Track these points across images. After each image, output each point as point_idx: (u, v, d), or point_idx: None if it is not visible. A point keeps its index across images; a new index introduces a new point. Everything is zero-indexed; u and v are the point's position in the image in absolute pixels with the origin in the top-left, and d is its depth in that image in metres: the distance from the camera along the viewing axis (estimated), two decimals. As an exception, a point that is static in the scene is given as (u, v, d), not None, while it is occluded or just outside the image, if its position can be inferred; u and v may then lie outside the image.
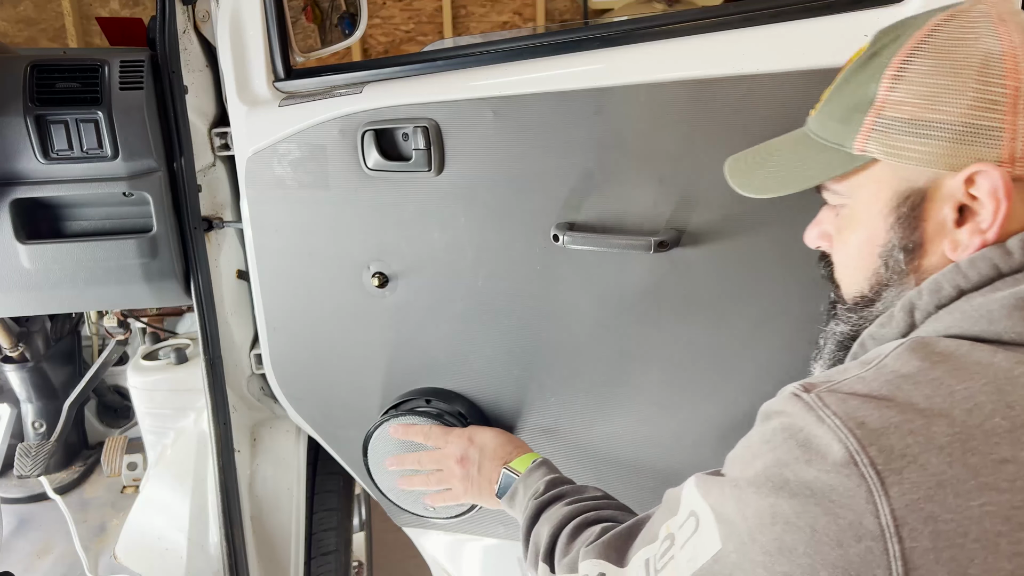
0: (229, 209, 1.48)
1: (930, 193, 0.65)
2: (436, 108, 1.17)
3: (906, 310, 0.66)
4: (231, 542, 1.52)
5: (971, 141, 0.62)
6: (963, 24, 0.65)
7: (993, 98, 0.61)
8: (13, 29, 5.51)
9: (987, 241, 0.63)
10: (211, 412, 1.48)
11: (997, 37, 0.63)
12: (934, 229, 0.66)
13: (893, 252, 0.68)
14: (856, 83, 0.70)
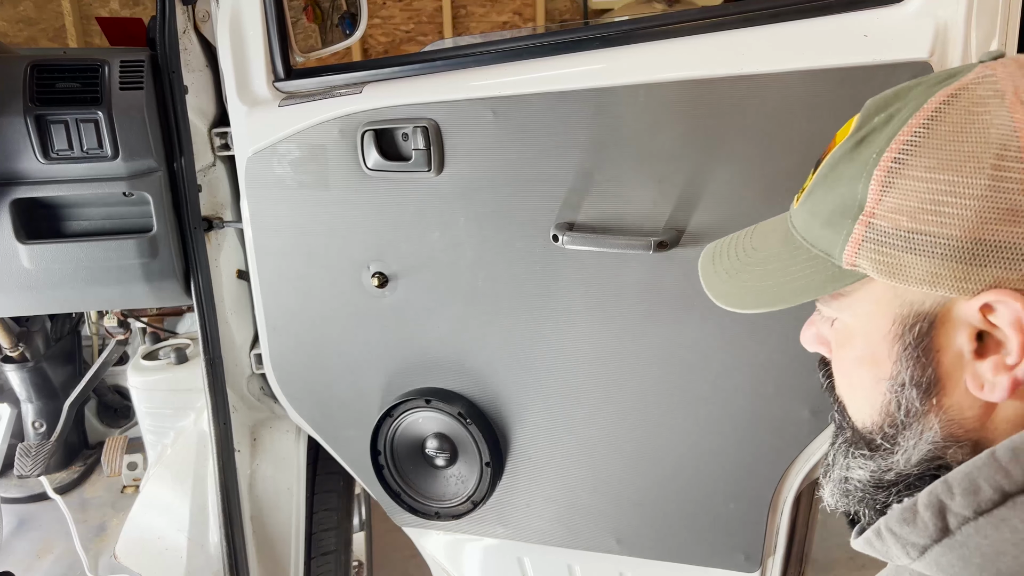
0: (229, 209, 1.48)
1: (940, 318, 0.53)
2: (436, 108, 1.17)
3: (934, 511, 0.52)
4: (231, 542, 1.52)
5: (984, 260, 0.50)
6: (970, 106, 0.52)
7: (1009, 206, 0.49)
8: (13, 29, 5.51)
9: (1019, 379, 0.50)
10: (211, 412, 1.48)
11: (1013, 124, 0.50)
12: (951, 361, 0.54)
13: (904, 389, 0.56)
14: (842, 177, 0.57)
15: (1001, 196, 0.49)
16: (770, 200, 1.03)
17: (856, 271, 0.56)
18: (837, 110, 0.97)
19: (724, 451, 1.18)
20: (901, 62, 0.93)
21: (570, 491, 1.31)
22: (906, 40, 0.93)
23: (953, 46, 0.92)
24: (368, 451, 1.38)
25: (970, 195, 0.50)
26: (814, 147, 1.00)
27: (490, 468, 1.32)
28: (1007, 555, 0.48)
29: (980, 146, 0.50)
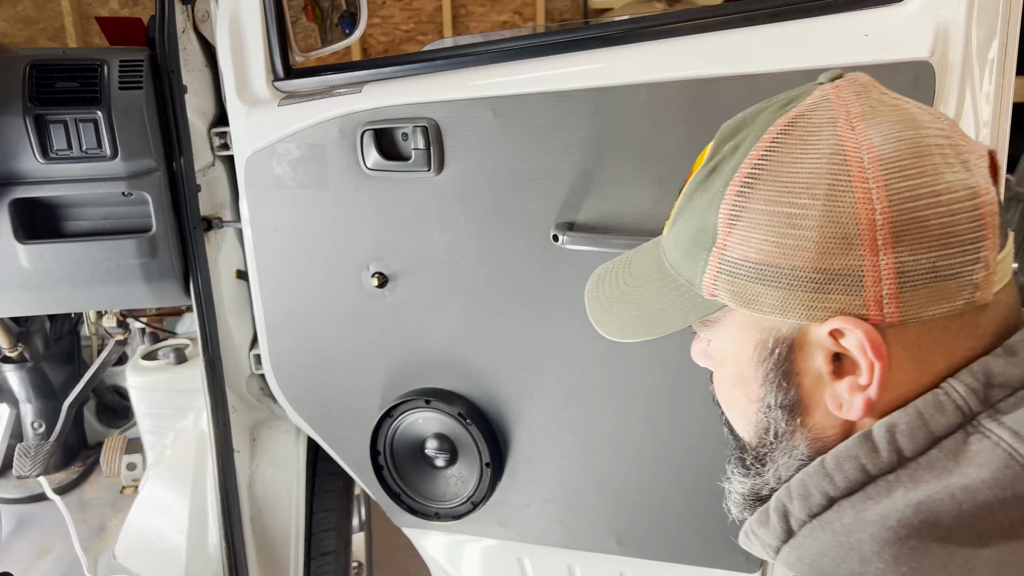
0: (228, 209, 1.48)
1: (797, 342, 0.55)
2: (436, 108, 1.17)
3: (780, 515, 0.56)
4: (230, 542, 1.52)
5: (828, 288, 0.51)
6: (805, 134, 0.53)
7: (845, 235, 0.50)
8: (12, 29, 5.51)
9: (871, 399, 0.52)
10: (210, 412, 1.47)
11: (843, 151, 0.51)
12: (811, 383, 0.56)
13: (771, 411, 0.58)
14: (697, 207, 0.58)
15: (836, 226, 0.50)
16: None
17: (716, 300, 0.57)
18: (838, 110, 0.97)
19: (725, 451, 1.18)
20: (902, 62, 0.93)
21: (570, 491, 1.31)
22: (907, 40, 0.92)
23: (954, 46, 0.92)
24: (368, 451, 1.38)
25: (808, 226, 0.51)
26: (815, 147, 1.00)
27: (490, 468, 1.32)
28: (828, 556, 0.51)
29: (814, 176, 0.51)
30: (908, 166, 0.50)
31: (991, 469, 0.47)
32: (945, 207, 0.50)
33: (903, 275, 0.50)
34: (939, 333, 0.52)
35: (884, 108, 0.53)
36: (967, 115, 0.93)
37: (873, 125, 0.52)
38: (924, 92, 0.93)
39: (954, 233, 0.50)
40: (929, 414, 0.51)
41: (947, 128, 0.53)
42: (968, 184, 0.50)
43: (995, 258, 0.51)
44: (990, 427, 0.49)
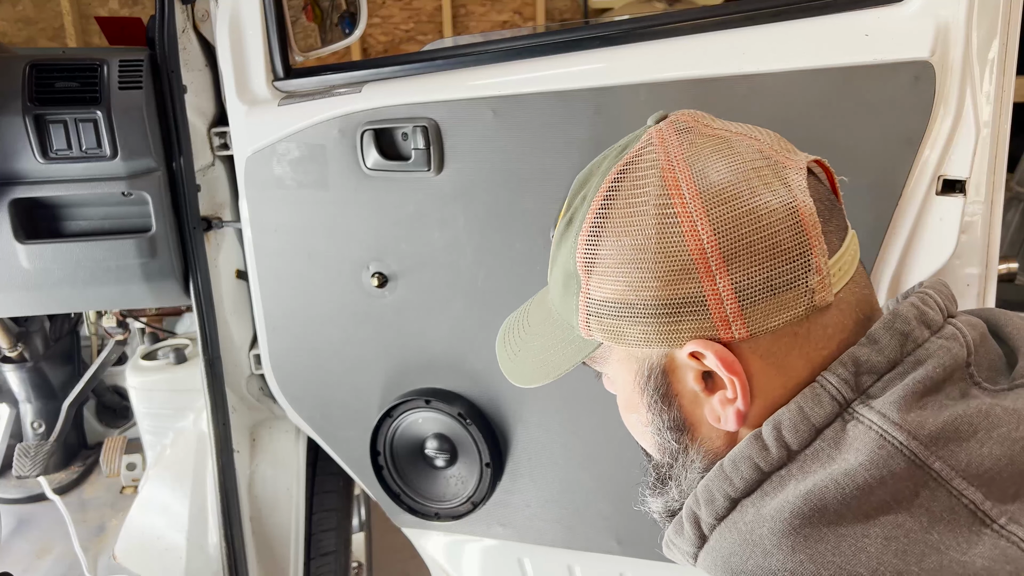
0: (228, 209, 1.48)
1: (668, 367, 0.59)
2: (435, 108, 1.17)
3: (691, 522, 0.59)
4: (230, 543, 1.52)
5: (678, 317, 0.55)
6: (635, 180, 0.57)
7: (681, 266, 0.54)
8: (12, 29, 5.51)
9: (741, 411, 0.56)
10: (210, 412, 1.47)
11: (667, 192, 0.55)
12: (690, 402, 0.60)
13: (661, 432, 0.62)
14: (562, 255, 0.63)
15: (671, 259, 0.54)
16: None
17: (593, 339, 0.62)
18: (838, 110, 0.97)
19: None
20: (902, 61, 0.93)
21: (571, 492, 1.31)
22: (907, 39, 0.92)
23: (954, 46, 0.92)
24: (368, 452, 1.38)
25: (648, 262, 0.55)
26: (815, 147, 0.99)
27: (490, 469, 1.32)
28: (736, 554, 0.54)
29: (645, 216, 0.56)
30: (726, 194, 0.54)
31: (866, 452, 0.50)
32: (766, 226, 0.54)
33: (741, 294, 0.54)
34: (789, 339, 0.55)
35: (704, 142, 0.58)
36: (967, 115, 0.93)
37: (693, 161, 0.56)
38: (924, 92, 0.93)
39: (780, 248, 0.54)
40: (808, 407, 0.54)
41: (767, 147, 0.58)
42: (785, 200, 0.54)
43: (827, 262, 0.55)
44: (863, 412, 0.52)
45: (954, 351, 0.54)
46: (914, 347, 0.54)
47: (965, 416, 0.51)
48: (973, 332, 0.57)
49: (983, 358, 0.56)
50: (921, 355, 0.54)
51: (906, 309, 0.56)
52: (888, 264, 1.00)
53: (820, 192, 0.58)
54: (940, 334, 0.55)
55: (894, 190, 0.97)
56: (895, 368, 0.54)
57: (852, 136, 0.97)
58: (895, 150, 0.96)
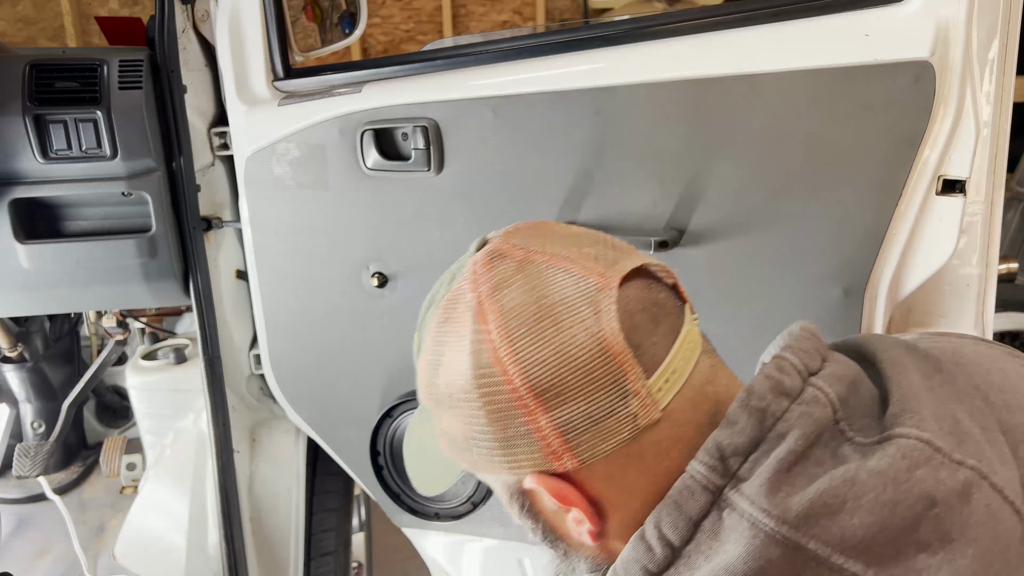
0: (228, 209, 1.48)
1: (525, 490, 0.60)
2: (435, 108, 1.17)
3: None
4: (230, 543, 1.52)
5: (515, 451, 0.56)
6: (455, 320, 0.59)
7: (503, 406, 0.55)
8: (12, 29, 5.51)
9: (592, 531, 0.57)
10: (210, 412, 1.47)
11: (479, 334, 0.56)
12: (553, 517, 0.61)
13: (543, 540, 0.63)
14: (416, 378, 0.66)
15: (494, 401, 0.55)
16: (770, 199, 1.03)
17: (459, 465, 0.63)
18: (838, 109, 0.97)
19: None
20: (902, 61, 0.93)
21: (570, 492, 1.31)
22: (907, 39, 0.92)
23: (954, 46, 0.92)
24: (368, 452, 1.37)
25: (476, 405, 0.56)
26: (815, 147, 1.00)
27: (490, 469, 1.32)
28: None
29: (465, 361, 0.56)
30: (534, 334, 0.54)
31: (743, 543, 0.49)
32: (576, 362, 0.53)
33: (563, 428, 0.54)
34: (623, 460, 0.55)
35: (514, 276, 0.57)
36: (967, 115, 0.93)
37: (502, 299, 0.56)
38: (924, 92, 0.93)
39: (593, 382, 0.53)
40: (683, 500, 0.53)
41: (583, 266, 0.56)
42: (593, 333, 0.53)
43: (645, 384, 0.54)
44: (735, 499, 0.51)
45: (816, 415, 0.53)
46: (774, 421, 0.53)
47: (831, 489, 0.49)
48: (839, 386, 0.55)
49: (855, 408, 0.55)
50: (782, 428, 0.53)
51: (759, 383, 0.55)
52: (888, 264, 1.00)
53: (644, 300, 0.57)
54: (800, 400, 0.54)
55: (894, 190, 0.97)
56: (759, 446, 0.52)
57: (852, 136, 0.97)
58: (895, 150, 0.96)
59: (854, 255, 1.01)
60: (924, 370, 0.58)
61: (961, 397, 0.56)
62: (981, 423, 0.54)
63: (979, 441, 0.52)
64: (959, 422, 0.53)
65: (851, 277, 1.02)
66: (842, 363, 0.58)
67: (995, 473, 0.50)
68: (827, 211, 1.01)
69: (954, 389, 0.57)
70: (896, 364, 0.58)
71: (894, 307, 1.03)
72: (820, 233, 1.02)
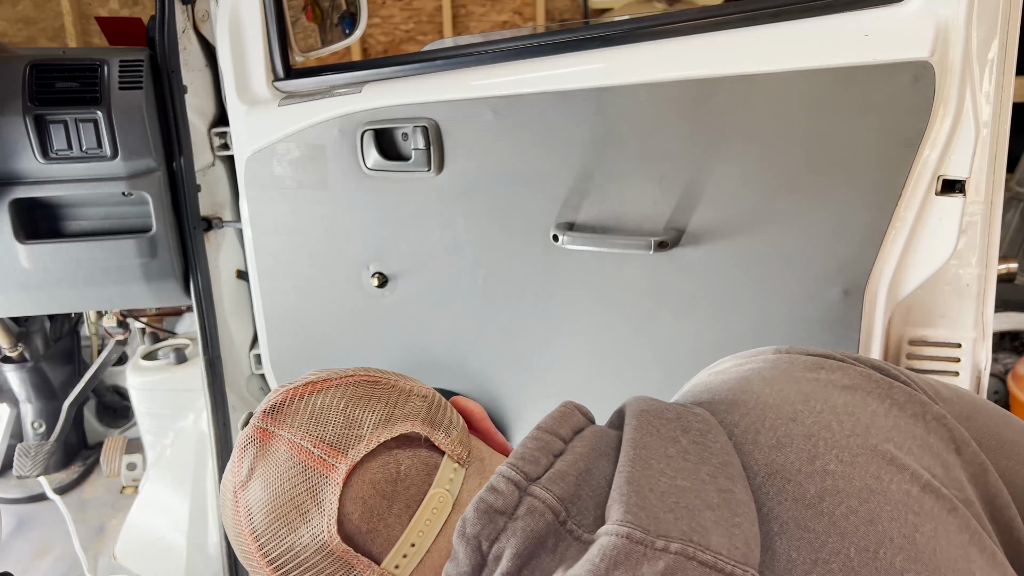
0: (228, 209, 1.48)
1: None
2: (436, 108, 1.17)
3: None
4: (230, 543, 1.52)
5: None
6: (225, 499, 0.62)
7: None
8: (12, 29, 5.51)
9: None
10: (210, 412, 1.47)
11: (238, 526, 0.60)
12: None
13: None
14: None
15: None
16: (770, 199, 1.03)
17: None
18: (838, 110, 0.97)
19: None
20: (902, 61, 0.93)
21: (570, 491, 1.31)
22: (907, 40, 0.92)
23: (954, 46, 0.92)
24: (368, 451, 1.38)
25: None
26: (815, 147, 1.00)
27: (490, 468, 1.32)
28: None
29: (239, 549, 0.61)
30: (271, 533, 0.58)
31: None
32: (307, 561, 0.57)
33: None
34: None
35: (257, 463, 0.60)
36: (967, 115, 0.93)
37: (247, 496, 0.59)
38: (924, 92, 0.93)
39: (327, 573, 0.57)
40: None
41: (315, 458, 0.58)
42: (316, 535, 0.57)
43: (377, 570, 0.57)
44: None
45: (531, 528, 0.52)
46: (491, 543, 0.53)
47: None
48: (561, 485, 0.54)
49: (587, 501, 0.54)
50: (498, 549, 0.52)
51: (469, 511, 0.54)
52: (888, 264, 1.00)
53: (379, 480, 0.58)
54: (515, 515, 0.53)
55: (894, 190, 0.97)
56: (482, 570, 0.53)
57: (852, 136, 0.97)
58: (895, 150, 0.96)
59: (854, 255, 1.01)
60: (667, 435, 0.57)
61: (705, 457, 0.55)
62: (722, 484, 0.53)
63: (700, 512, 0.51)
64: (682, 495, 0.52)
65: (851, 277, 1.02)
66: (579, 452, 0.58)
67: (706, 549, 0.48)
68: (827, 211, 1.01)
69: (698, 451, 0.56)
70: (632, 440, 0.57)
71: (894, 307, 1.03)
72: (820, 233, 1.02)
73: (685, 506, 0.51)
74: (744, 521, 0.50)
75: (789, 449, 0.55)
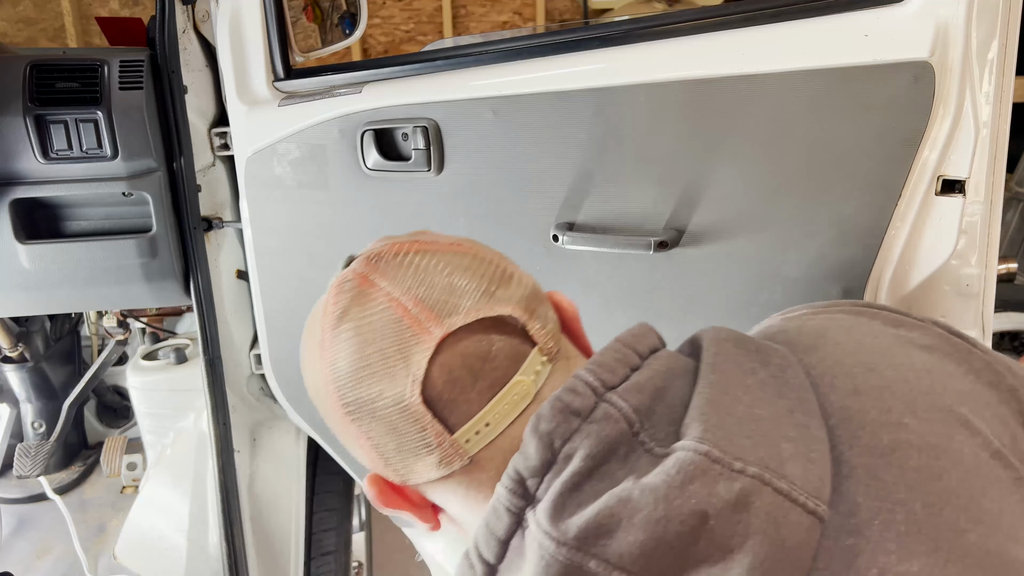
0: (229, 209, 1.48)
1: None
2: (436, 108, 1.17)
3: None
4: (231, 542, 1.52)
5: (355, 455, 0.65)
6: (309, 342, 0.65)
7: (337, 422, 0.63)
8: (12, 29, 5.51)
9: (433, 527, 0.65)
10: (211, 412, 1.47)
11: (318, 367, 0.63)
12: None
13: None
14: None
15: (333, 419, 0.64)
16: (769, 199, 1.03)
17: None
18: (838, 110, 0.97)
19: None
20: (902, 62, 0.93)
21: (570, 491, 1.31)
22: (907, 40, 0.92)
23: (954, 46, 0.92)
24: (368, 451, 1.38)
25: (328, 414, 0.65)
26: (814, 147, 1.00)
27: (490, 468, 1.32)
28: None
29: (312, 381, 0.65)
30: (354, 381, 0.59)
31: (533, 563, 0.51)
32: (385, 413, 0.58)
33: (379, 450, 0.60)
34: (441, 489, 0.61)
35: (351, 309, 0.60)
36: (966, 115, 0.93)
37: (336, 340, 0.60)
38: (923, 92, 0.93)
39: (397, 429, 0.58)
40: (491, 522, 0.56)
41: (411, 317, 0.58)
42: (397, 394, 0.57)
43: (448, 438, 0.57)
44: (530, 520, 0.53)
45: (604, 433, 0.52)
46: (562, 442, 0.53)
47: (606, 509, 0.49)
48: (638, 397, 0.54)
49: (662, 416, 0.54)
50: (569, 449, 0.53)
51: (545, 407, 0.54)
52: (887, 264, 1.00)
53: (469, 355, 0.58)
54: (591, 418, 0.54)
55: (893, 190, 0.97)
56: (552, 467, 0.53)
57: (851, 136, 0.97)
58: (894, 150, 0.96)
59: (853, 255, 1.01)
60: (746, 366, 0.57)
61: (783, 391, 0.55)
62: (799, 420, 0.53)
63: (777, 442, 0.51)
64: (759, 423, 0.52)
65: (850, 277, 1.02)
66: (656, 368, 0.58)
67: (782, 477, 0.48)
68: (826, 211, 1.01)
69: (777, 384, 0.55)
70: (712, 364, 0.57)
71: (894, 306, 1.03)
72: (819, 233, 1.02)
73: (763, 434, 0.51)
74: (819, 457, 0.51)
75: (865, 397, 0.55)
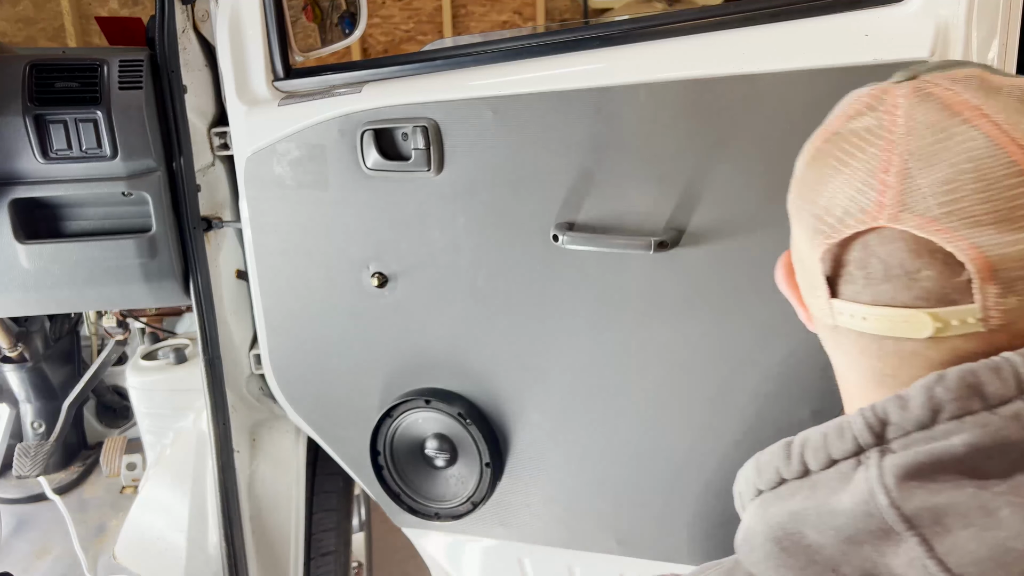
0: (228, 209, 1.48)
1: None
2: (435, 108, 1.17)
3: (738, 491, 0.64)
4: (230, 542, 1.52)
5: None
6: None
7: None
8: (12, 29, 5.51)
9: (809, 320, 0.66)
10: (210, 412, 1.47)
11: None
12: None
13: None
14: None
15: None
16: (770, 200, 1.03)
17: None
18: (838, 110, 0.97)
19: (726, 451, 1.18)
20: (902, 62, 0.93)
21: (570, 491, 1.31)
22: (907, 40, 0.92)
23: (954, 46, 0.92)
24: (368, 452, 1.38)
25: None
26: (815, 147, 1.00)
27: (490, 469, 1.32)
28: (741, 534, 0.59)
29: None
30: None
31: (854, 503, 0.50)
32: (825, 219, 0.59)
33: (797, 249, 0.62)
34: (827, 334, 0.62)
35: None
36: (967, 115, 0.93)
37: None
38: (924, 92, 0.93)
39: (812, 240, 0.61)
40: (832, 438, 0.55)
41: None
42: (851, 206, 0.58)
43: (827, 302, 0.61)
44: (873, 462, 0.52)
45: (1006, 433, 0.47)
46: (949, 417, 0.49)
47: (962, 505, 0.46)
48: None
49: None
50: (954, 427, 0.49)
51: (953, 375, 0.50)
52: (888, 264, 1.00)
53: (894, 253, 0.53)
54: (998, 411, 0.48)
55: (894, 190, 0.97)
56: (924, 430, 0.50)
57: (852, 136, 0.97)
58: (895, 150, 0.96)
59: (854, 255, 1.01)
60: None
61: None
62: None
63: None
64: None
65: (851, 277, 1.02)
66: None
67: None
68: (827, 211, 1.01)
69: None
70: None
71: (894, 307, 1.03)
72: (820, 233, 1.02)
73: None
74: None
75: None
